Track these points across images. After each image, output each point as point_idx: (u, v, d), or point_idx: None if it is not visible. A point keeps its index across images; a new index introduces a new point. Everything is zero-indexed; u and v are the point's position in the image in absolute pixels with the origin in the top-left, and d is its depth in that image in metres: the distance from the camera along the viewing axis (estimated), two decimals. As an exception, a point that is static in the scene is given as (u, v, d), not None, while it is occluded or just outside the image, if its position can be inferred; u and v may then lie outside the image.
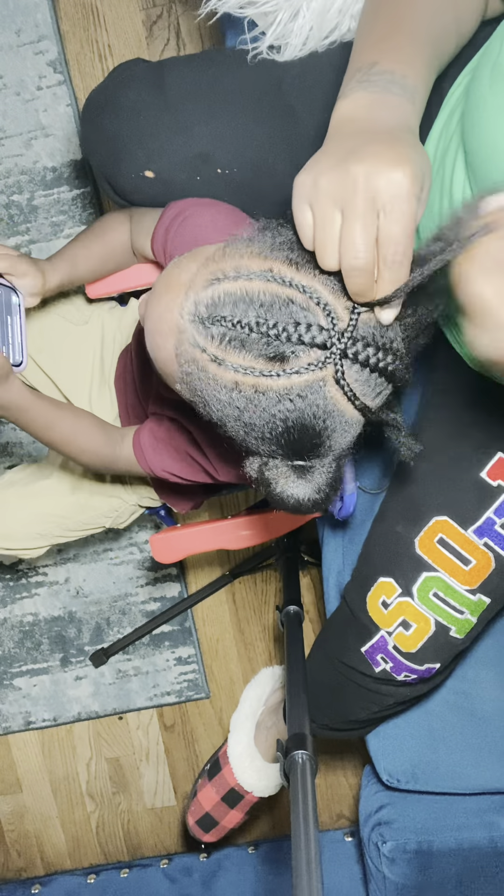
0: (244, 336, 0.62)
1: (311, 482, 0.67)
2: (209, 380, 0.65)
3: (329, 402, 0.63)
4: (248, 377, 0.63)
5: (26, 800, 1.86)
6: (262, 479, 0.68)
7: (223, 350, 0.63)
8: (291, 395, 0.63)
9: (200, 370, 0.65)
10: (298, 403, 0.63)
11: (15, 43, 1.54)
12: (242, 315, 0.62)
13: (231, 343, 0.63)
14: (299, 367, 0.62)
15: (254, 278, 0.63)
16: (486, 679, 1.20)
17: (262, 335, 0.61)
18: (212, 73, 0.96)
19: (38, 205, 1.59)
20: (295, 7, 0.93)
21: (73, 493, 1.19)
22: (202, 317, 0.64)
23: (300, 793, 0.75)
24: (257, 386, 0.63)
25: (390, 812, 1.27)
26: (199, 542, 1.22)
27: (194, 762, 1.81)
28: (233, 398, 0.64)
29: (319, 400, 0.63)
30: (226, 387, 0.64)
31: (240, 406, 0.64)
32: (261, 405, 0.63)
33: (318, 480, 0.68)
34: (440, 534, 0.93)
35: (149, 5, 1.53)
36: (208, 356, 0.64)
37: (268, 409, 0.63)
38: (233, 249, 0.66)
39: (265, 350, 0.62)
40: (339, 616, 1.06)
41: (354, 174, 0.58)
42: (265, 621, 1.74)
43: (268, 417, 0.64)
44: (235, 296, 0.63)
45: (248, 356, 0.62)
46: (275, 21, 0.94)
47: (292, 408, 0.63)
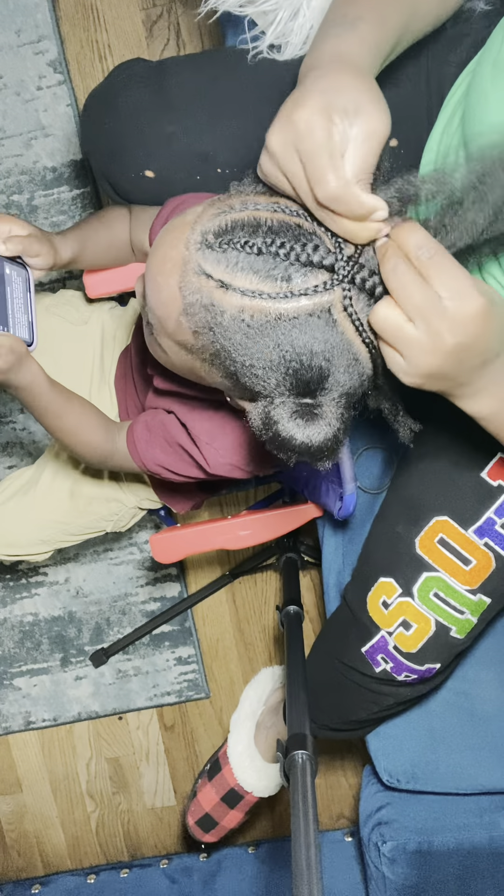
0: (252, 258, 0.62)
1: (319, 420, 0.65)
2: (214, 307, 0.64)
3: (337, 328, 0.63)
4: (254, 301, 0.62)
5: (26, 800, 1.86)
6: (268, 420, 0.66)
7: (230, 273, 0.63)
8: (300, 319, 0.62)
9: (206, 298, 0.64)
10: (306, 328, 0.62)
11: (15, 43, 1.54)
12: (250, 237, 0.62)
13: (238, 265, 0.62)
14: (306, 289, 0.61)
15: (261, 209, 0.64)
16: (486, 679, 1.20)
17: (271, 255, 0.62)
18: (212, 73, 0.96)
19: (38, 205, 1.59)
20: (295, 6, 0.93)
21: (71, 499, 1.19)
22: (210, 243, 0.64)
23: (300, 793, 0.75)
24: (264, 310, 0.62)
25: (390, 812, 1.26)
26: (199, 542, 1.22)
27: (194, 762, 1.80)
28: (239, 325, 0.63)
29: (327, 325, 0.62)
30: (232, 313, 0.63)
31: (246, 333, 0.64)
32: (266, 331, 0.63)
33: (328, 417, 0.65)
34: (440, 534, 0.93)
35: (149, 5, 1.53)
36: (214, 282, 0.63)
37: (274, 335, 0.63)
38: (239, 188, 0.68)
39: (272, 271, 0.62)
40: (340, 616, 1.06)
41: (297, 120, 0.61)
42: (265, 621, 1.74)
43: (273, 344, 0.63)
44: (244, 222, 0.63)
45: (254, 278, 0.62)
46: (275, 20, 0.94)
47: (299, 332, 0.62)
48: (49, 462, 1.22)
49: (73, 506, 1.19)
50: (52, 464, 1.22)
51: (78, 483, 1.19)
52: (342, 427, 0.67)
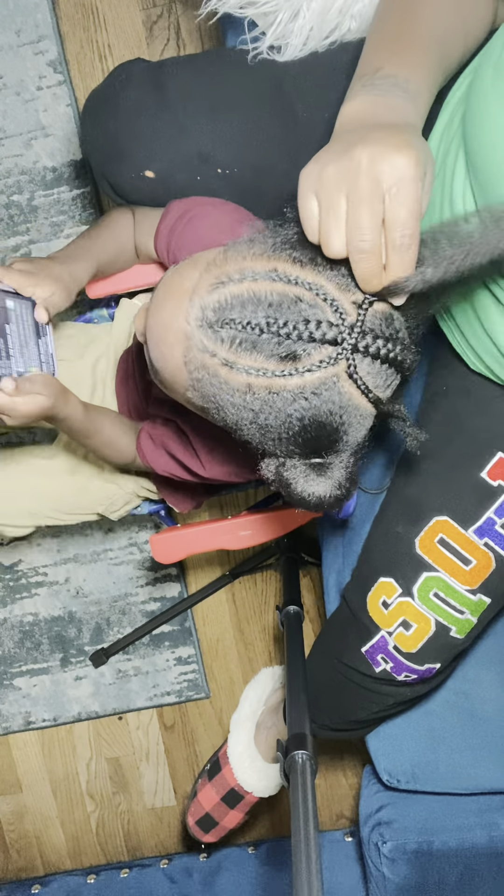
0: (255, 337, 0.62)
1: (330, 478, 0.67)
2: (221, 384, 0.65)
3: (344, 397, 0.63)
4: (261, 378, 0.62)
5: (26, 800, 1.86)
6: (281, 479, 0.68)
7: (234, 353, 0.63)
8: (306, 394, 0.62)
9: (212, 375, 0.65)
10: (314, 401, 0.63)
11: (15, 43, 1.54)
12: (252, 316, 0.62)
13: (242, 345, 0.62)
14: (311, 365, 0.61)
15: (259, 279, 0.63)
16: (486, 679, 1.20)
17: (273, 335, 0.61)
18: (212, 73, 0.96)
19: (38, 205, 1.59)
20: (295, 7, 0.93)
21: (72, 475, 1.18)
22: (210, 321, 0.63)
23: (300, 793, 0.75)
24: (271, 387, 0.63)
25: (390, 812, 1.27)
26: (199, 542, 1.22)
27: (194, 762, 1.81)
28: (247, 401, 0.64)
29: (334, 396, 0.63)
30: (239, 390, 0.64)
31: (254, 408, 0.64)
32: (276, 406, 0.63)
33: (338, 476, 0.67)
34: (440, 534, 0.93)
35: (149, 5, 1.53)
36: (219, 360, 0.64)
37: (283, 410, 0.63)
38: (234, 252, 0.66)
39: (277, 350, 0.61)
40: (340, 616, 1.06)
41: (358, 159, 0.58)
42: (265, 621, 1.74)
43: (283, 417, 0.64)
44: (243, 297, 0.63)
45: (259, 357, 0.62)
46: (275, 21, 0.94)
47: (307, 406, 0.63)
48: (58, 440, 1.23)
49: (73, 481, 1.18)
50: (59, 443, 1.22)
51: (81, 461, 1.19)
52: (353, 477, 0.68)
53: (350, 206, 0.59)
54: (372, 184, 0.58)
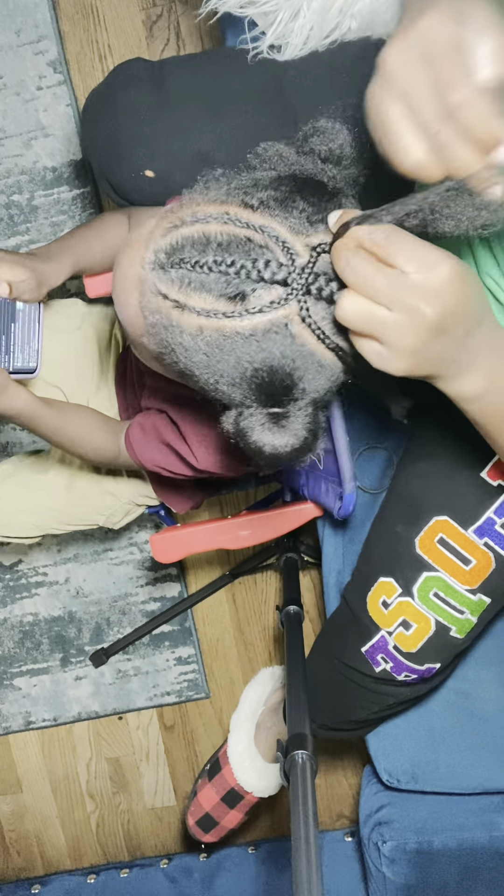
0: (203, 277, 0.61)
1: (287, 429, 0.65)
2: (174, 327, 0.64)
3: (297, 341, 0.62)
4: (211, 320, 0.62)
5: (26, 800, 1.86)
6: (239, 430, 0.66)
7: (184, 294, 0.62)
8: (257, 336, 0.61)
9: (165, 318, 0.64)
10: (264, 344, 0.62)
11: (15, 43, 1.54)
12: (200, 256, 0.61)
13: (191, 285, 0.62)
14: (261, 306, 0.61)
15: (210, 221, 0.63)
16: (486, 679, 1.20)
17: (221, 274, 0.61)
18: (212, 73, 0.96)
19: (38, 205, 1.59)
20: (295, 7, 0.93)
21: (67, 490, 1.19)
22: (161, 262, 0.63)
23: (300, 793, 0.75)
24: (221, 329, 0.62)
25: (390, 812, 1.27)
26: (199, 542, 1.22)
27: (194, 762, 1.80)
28: (198, 344, 0.63)
29: (286, 339, 0.62)
30: (190, 333, 0.63)
31: (206, 352, 0.63)
32: (226, 348, 0.62)
33: (295, 426, 0.65)
34: (440, 534, 0.93)
35: (149, 5, 1.53)
36: (170, 302, 0.63)
37: (234, 353, 0.62)
38: (189, 198, 0.66)
39: (225, 290, 0.61)
40: (340, 616, 1.06)
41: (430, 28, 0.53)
42: (265, 621, 1.74)
43: (234, 361, 0.63)
44: (193, 238, 0.62)
45: (208, 298, 0.61)
46: (275, 21, 0.94)
47: (258, 349, 0.62)
48: (54, 453, 1.23)
49: (68, 495, 1.19)
50: (57, 453, 1.22)
51: (76, 473, 1.20)
52: (313, 431, 0.66)
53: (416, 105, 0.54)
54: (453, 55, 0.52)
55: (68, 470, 1.20)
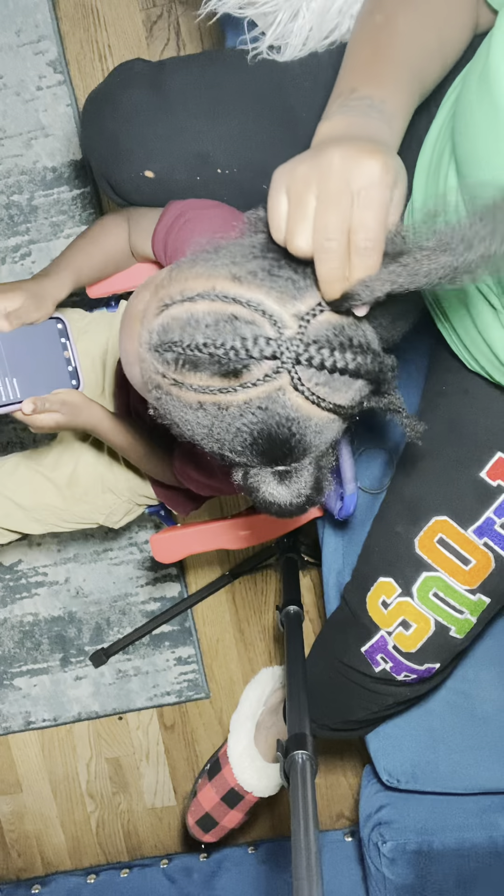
0: (195, 358, 0.63)
1: (291, 486, 0.68)
2: (175, 402, 0.66)
3: (290, 408, 0.64)
4: (208, 395, 0.64)
5: (26, 800, 1.86)
6: (247, 486, 0.70)
7: (180, 373, 0.64)
8: (252, 408, 0.63)
9: (165, 394, 0.67)
10: (260, 415, 0.63)
11: (15, 43, 1.54)
12: (190, 339, 0.63)
13: (185, 366, 0.64)
14: (254, 380, 0.62)
15: (197, 299, 0.64)
16: (486, 679, 1.20)
17: (212, 356, 0.62)
18: (212, 73, 0.96)
19: (38, 205, 1.59)
20: (295, 7, 0.93)
21: (68, 487, 1.20)
22: (155, 344, 0.65)
23: (300, 793, 0.75)
24: (219, 403, 0.64)
25: (390, 812, 1.27)
26: (199, 542, 1.22)
27: (194, 762, 1.81)
28: (199, 417, 0.66)
29: (279, 409, 0.63)
30: (191, 407, 0.65)
31: (206, 424, 0.66)
32: (225, 420, 0.65)
33: (299, 484, 0.68)
34: (440, 534, 0.93)
35: (149, 5, 1.53)
36: (168, 380, 0.65)
37: (233, 424, 0.64)
38: (178, 273, 0.67)
39: (218, 369, 0.62)
40: (339, 616, 1.06)
41: (330, 158, 0.59)
42: (265, 621, 1.74)
43: (234, 431, 0.65)
44: (182, 320, 0.64)
45: (203, 376, 0.63)
46: (275, 21, 0.94)
47: (255, 420, 0.64)
48: (57, 446, 1.23)
49: (69, 492, 1.20)
50: (60, 448, 1.23)
51: (77, 472, 1.20)
52: (318, 484, 0.69)
53: (318, 206, 0.59)
54: (341, 184, 0.58)
55: (69, 468, 1.21)
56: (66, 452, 1.22)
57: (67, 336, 0.96)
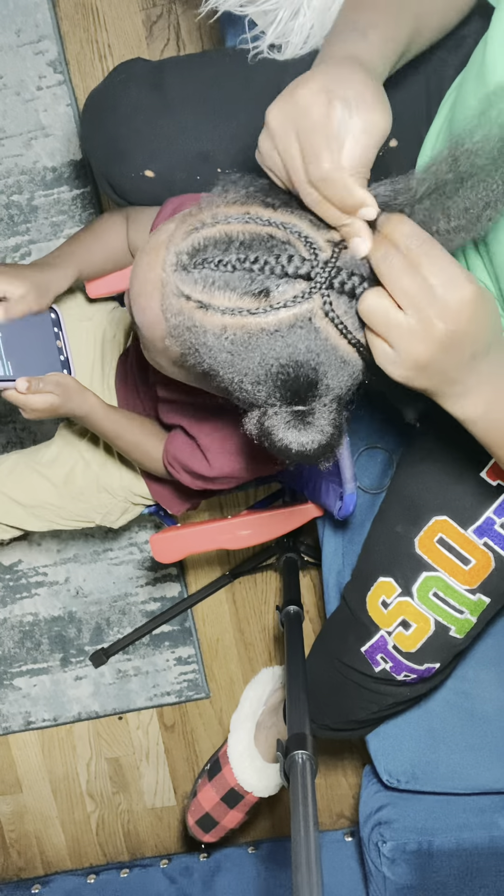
0: (227, 275, 0.62)
1: (312, 426, 0.66)
2: (197, 328, 0.64)
3: (321, 335, 0.62)
4: (235, 318, 0.62)
5: (26, 800, 1.86)
6: (263, 430, 0.67)
7: (208, 293, 0.63)
8: (282, 332, 0.62)
9: (188, 319, 0.65)
10: (289, 339, 0.62)
11: (15, 43, 1.54)
12: (223, 255, 0.62)
13: (215, 284, 0.62)
14: (285, 301, 0.61)
15: (232, 222, 0.63)
16: (486, 679, 1.20)
17: (246, 271, 0.61)
18: (212, 73, 0.96)
19: (38, 205, 1.59)
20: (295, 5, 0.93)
21: (64, 485, 1.21)
22: (184, 264, 0.64)
23: (300, 793, 0.75)
24: (246, 326, 0.62)
25: (390, 812, 1.27)
26: (199, 542, 1.22)
27: (194, 762, 1.80)
28: (223, 343, 0.64)
29: (310, 333, 0.62)
30: (214, 332, 0.64)
31: (231, 351, 0.64)
32: (251, 346, 0.63)
33: (321, 423, 0.66)
34: (440, 533, 0.93)
35: (149, 5, 1.53)
36: (194, 303, 0.64)
37: (259, 350, 0.63)
38: (209, 201, 0.67)
39: (249, 287, 0.61)
40: (339, 616, 1.06)
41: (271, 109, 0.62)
42: (265, 621, 1.74)
43: (259, 359, 0.63)
44: (215, 239, 0.63)
45: (233, 296, 0.62)
46: (275, 20, 0.94)
47: (283, 344, 0.62)
48: (54, 444, 1.24)
49: (65, 491, 1.20)
50: (57, 447, 1.23)
51: (73, 470, 1.20)
52: (338, 427, 0.67)
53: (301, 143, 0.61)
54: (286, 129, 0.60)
55: (66, 466, 1.21)
56: (64, 451, 1.22)
57: (60, 326, 0.97)
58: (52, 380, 0.92)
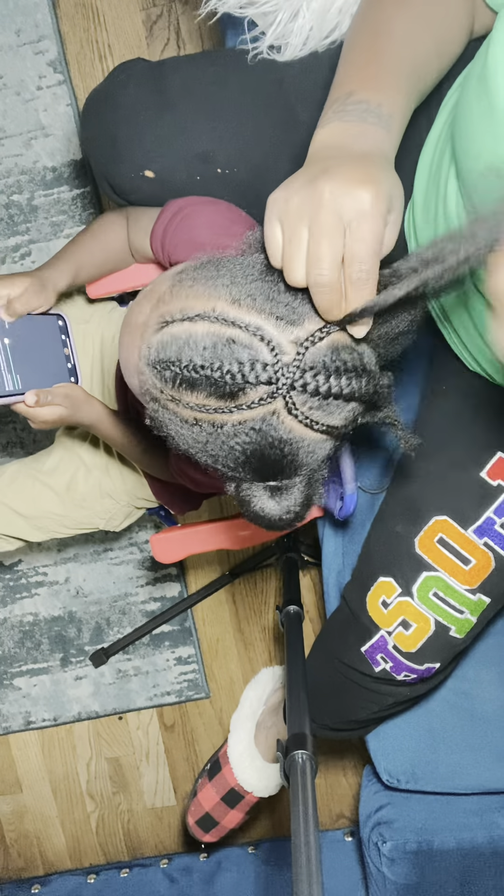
0: (193, 378, 0.64)
1: (281, 501, 0.70)
2: (171, 416, 0.67)
3: (283, 431, 0.65)
4: (204, 413, 0.65)
5: (26, 800, 1.86)
6: (239, 498, 0.71)
7: (177, 391, 0.65)
8: (246, 429, 0.64)
9: (163, 408, 0.67)
10: (254, 436, 0.64)
11: (15, 43, 1.54)
12: (188, 359, 0.63)
13: (182, 385, 0.64)
14: (249, 403, 0.63)
15: (197, 320, 0.64)
16: (486, 679, 1.20)
17: (208, 378, 0.63)
18: (212, 73, 0.96)
19: (38, 205, 1.59)
20: (295, 7, 0.93)
21: (67, 492, 1.21)
22: (153, 361, 0.66)
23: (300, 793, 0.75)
24: (214, 421, 0.65)
25: (390, 812, 1.27)
26: (199, 542, 1.22)
27: (194, 762, 1.81)
28: (194, 433, 0.66)
29: (273, 431, 0.64)
30: (187, 422, 0.66)
31: (201, 440, 0.67)
32: (220, 438, 0.66)
33: (289, 500, 0.70)
34: (440, 533, 0.93)
35: (149, 5, 1.53)
36: (166, 396, 0.66)
37: (227, 442, 0.65)
38: (179, 290, 0.67)
39: (214, 391, 0.63)
40: (339, 616, 1.06)
41: (321, 191, 0.59)
42: (265, 621, 1.74)
43: (227, 449, 0.66)
44: (181, 339, 0.64)
45: (200, 396, 0.64)
46: (275, 21, 0.94)
47: (248, 440, 0.65)
48: (55, 452, 1.24)
49: (68, 498, 1.20)
50: (58, 454, 1.23)
51: (76, 477, 1.21)
52: (307, 501, 0.70)
53: (311, 239, 0.60)
54: (333, 218, 0.59)
55: (68, 474, 1.21)
56: (64, 458, 1.22)
57: (68, 333, 0.97)
58: (60, 392, 0.93)
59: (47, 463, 1.23)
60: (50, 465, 1.22)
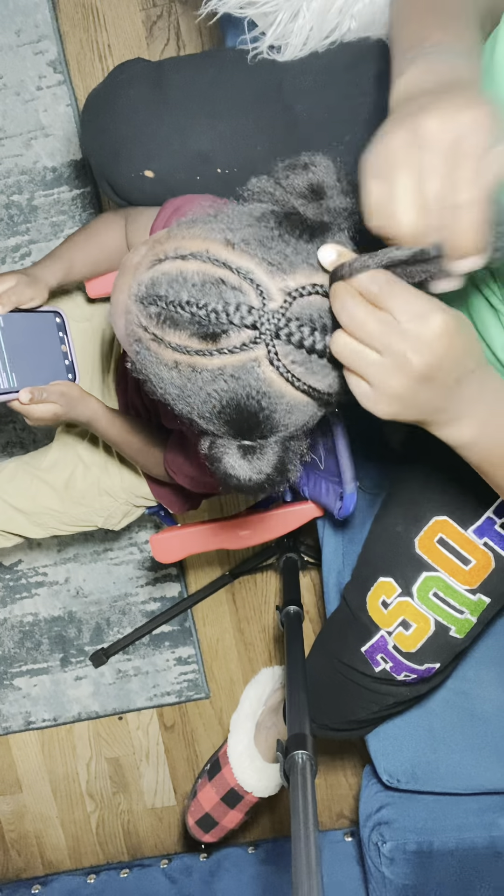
0: (177, 315, 0.63)
1: (253, 462, 0.67)
2: (152, 357, 0.66)
3: (262, 382, 0.63)
4: (184, 356, 0.63)
5: (26, 800, 1.86)
6: (210, 455, 0.69)
7: (161, 329, 0.64)
8: (225, 375, 0.63)
9: (144, 348, 0.66)
10: (231, 383, 0.63)
11: (15, 43, 1.54)
12: (175, 295, 0.63)
13: (166, 322, 0.63)
14: (230, 347, 0.62)
15: (189, 259, 0.64)
16: (486, 679, 1.20)
17: (193, 315, 0.62)
18: (212, 73, 0.96)
19: (38, 205, 1.59)
20: (295, 7, 0.93)
21: (65, 489, 1.21)
22: (142, 296, 0.65)
23: (300, 793, 0.75)
24: (193, 365, 0.63)
25: (390, 812, 1.27)
26: (199, 542, 1.22)
27: (194, 762, 1.81)
28: (173, 376, 0.65)
29: (252, 380, 0.63)
30: (167, 364, 0.65)
31: (179, 384, 0.65)
32: (197, 383, 0.64)
33: (261, 462, 0.67)
34: (440, 534, 0.93)
35: (149, 5, 1.53)
36: (149, 335, 0.65)
37: (204, 388, 0.64)
38: (176, 231, 0.67)
39: (197, 330, 0.62)
40: (339, 616, 1.06)
41: (426, 128, 0.53)
42: (265, 621, 1.74)
43: (204, 396, 0.65)
44: (171, 276, 0.64)
45: (182, 335, 0.63)
46: (275, 21, 0.94)
47: (226, 387, 0.63)
48: (54, 449, 1.24)
49: (66, 495, 1.20)
50: (56, 452, 1.23)
51: (74, 474, 1.21)
52: (281, 467, 0.68)
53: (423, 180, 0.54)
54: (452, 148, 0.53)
55: (66, 471, 1.21)
56: (63, 455, 1.22)
57: (65, 330, 0.97)
58: (54, 390, 0.93)
59: (46, 460, 1.23)
60: (48, 462, 1.22)
